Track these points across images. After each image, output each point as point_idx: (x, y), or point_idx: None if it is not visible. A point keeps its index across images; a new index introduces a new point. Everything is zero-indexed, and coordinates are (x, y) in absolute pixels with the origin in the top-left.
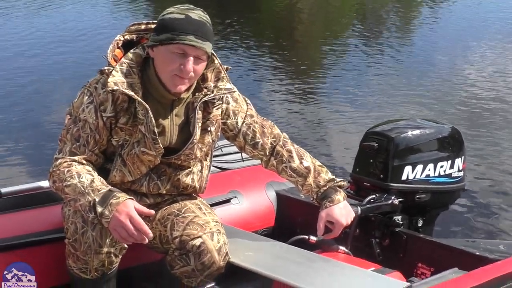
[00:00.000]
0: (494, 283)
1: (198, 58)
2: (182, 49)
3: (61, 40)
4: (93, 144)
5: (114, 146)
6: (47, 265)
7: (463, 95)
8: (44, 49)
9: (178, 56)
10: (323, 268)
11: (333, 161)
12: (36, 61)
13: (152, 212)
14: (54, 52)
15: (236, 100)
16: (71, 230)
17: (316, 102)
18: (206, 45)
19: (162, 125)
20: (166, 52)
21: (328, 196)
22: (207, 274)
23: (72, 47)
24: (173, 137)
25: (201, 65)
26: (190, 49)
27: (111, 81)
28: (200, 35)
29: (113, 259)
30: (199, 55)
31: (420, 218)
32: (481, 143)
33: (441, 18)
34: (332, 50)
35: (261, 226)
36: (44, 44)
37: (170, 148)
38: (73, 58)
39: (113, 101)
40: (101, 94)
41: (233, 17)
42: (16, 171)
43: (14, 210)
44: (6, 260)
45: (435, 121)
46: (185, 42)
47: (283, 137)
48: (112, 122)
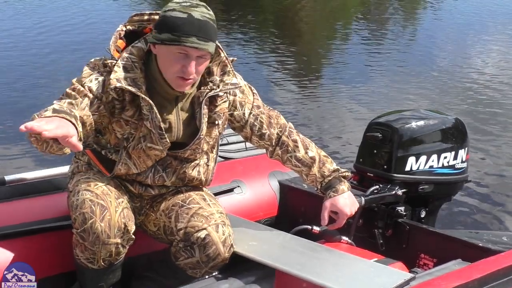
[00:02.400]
0: (497, 274)
1: (201, 58)
2: (185, 50)
3: (69, 25)
4: (95, 108)
5: (119, 138)
6: (50, 253)
7: (467, 86)
8: (52, 34)
9: (180, 57)
10: (326, 258)
11: (337, 151)
12: (40, 48)
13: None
14: (63, 37)
15: (243, 91)
16: (79, 220)
17: (320, 93)
18: (208, 45)
19: (168, 120)
20: (168, 52)
21: (333, 186)
22: (211, 265)
23: (80, 33)
24: (180, 132)
25: (204, 64)
26: (192, 51)
27: (114, 78)
28: (203, 36)
29: (120, 250)
30: (202, 55)
31: (423, 209)
32: (485, 135)
33: (445, 10)
34: (336, 41)
35: (263, 215)
36: (52, 29)
37: (177, 143)
38: (82, 45)
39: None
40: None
41: (237, 11)
42: (20, 159)
43: (19, 198)
44: (11, 247)
45: (439, 112)
46: (187, 44)
47: (289, 127)
48: (116, 106)
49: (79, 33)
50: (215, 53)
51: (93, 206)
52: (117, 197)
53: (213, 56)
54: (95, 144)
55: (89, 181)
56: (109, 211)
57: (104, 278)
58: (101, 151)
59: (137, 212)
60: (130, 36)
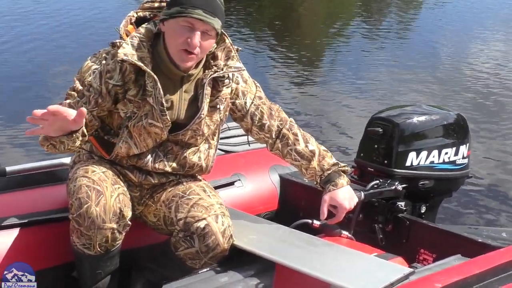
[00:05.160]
0: (496, 270)
1: (206, 33)
2: (190, 22)
3: (66, 18)
4: (93, 104)
5: (122, 117)
6: (49, 244)
7: (469, 82)
8: (47, 28)
9: (186, 29)
10: (326, 252)
11: (338, 146)
12: (40, 39)
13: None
14: (57, 30)
15: (246, 81)
16: (75, 205)
17: (321, 88)
18: (214, 21)
19: (171, 100)
20: (175, 25)
21: (332, 180)
22: (211, 256)
23: (78, 26)
24: (181, 112)
25: (209, 41)
26: (197, 23)
27: (121, 52)
28: (209, 10)
29: (116, 236)
30: (207, 30)
31: (423, 204)
32: (486, 131)
33: (446, 5)
34: (338, 36)
35: (264, 209)
36: (47, 22)
37: (178, 123)
38: (78, 37)
39: (121, 71)
40: (109, 64)
41: (236, 3)
42: (21, 150)
43: (19, 189)
44: (9, 239)
45: (441, 108)
46: (193, 15)
47: (290, 121)
48: (118, 92)
49: (81, 25)
50: (220, 39)
51: (89, 191)
52: (113, 183)
53: (218, 41)
54: (99, 129)
55: (87, 168)
56: (105, 196)
57: (101, 265)
58: (104, 136)
59: (136, 202)
60: (141, 23)
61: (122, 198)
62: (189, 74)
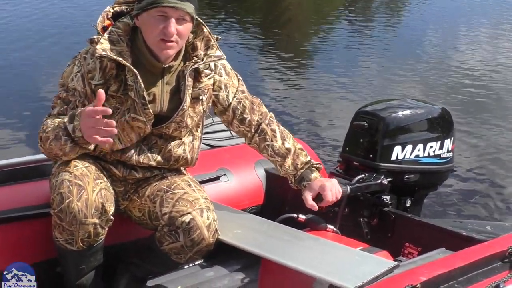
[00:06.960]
0: (480, 263)
1: (181, 19)
2: (163, 11)
3: (55, 15)
4: (81, 108)
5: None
6: (36, 239)
7: (454, 77)
8: (35, 24)
9: (160, 19)
10: (311, 246)
11: (324, 140)
12: (29, 35)
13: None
14: (47, 26)
15: (228, 74)
16: (57, 201)
17: (307, 82)
18: (186, 5)
19: (153, 93)
20: (148, 17)
21: (305, 179)
22: (196, 250)
23: (67, 23)
24: (164, 105)
25: (185, 26)
26: (170, 11)
27: (100, 48)
28: None
29: (99, 231)
30: (180, 15)
31: (408, 198)
32: (471, 125)
33: (433, 1)
34: (323, 29)
35: (250, 204)
36: (36, 19)
37: (161, 116)
38: (67, 32)
39: (101, 69)
40: (89, 64)
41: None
42: (7, 145)
43: (4, 184)
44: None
45: (426, 102)
46: (164, 4)
47: (270, 116)
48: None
49: (71, 21)
50: (198, 29)
51: (71, 186)
52: (96, 178)
53: (197, 31)
54: None
55: (69, 163)
56: (86, 190)
57: (84, 261)
58: None
59: (121, 196)
60: (117, 18)
61: (104, 193)
62: (170, 66)
